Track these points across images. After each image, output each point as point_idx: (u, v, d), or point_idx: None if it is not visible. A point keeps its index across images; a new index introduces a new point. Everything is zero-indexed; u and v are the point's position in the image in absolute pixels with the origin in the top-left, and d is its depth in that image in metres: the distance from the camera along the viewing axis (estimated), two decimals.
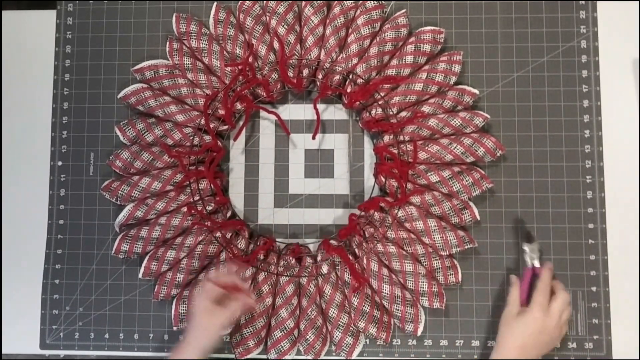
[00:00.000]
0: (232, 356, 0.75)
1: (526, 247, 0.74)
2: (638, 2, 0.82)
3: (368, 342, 0.78)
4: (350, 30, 0.78)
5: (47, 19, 0.85)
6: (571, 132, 0.80)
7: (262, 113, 0.83)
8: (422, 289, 0.74)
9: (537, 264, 0.73)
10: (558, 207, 0.79)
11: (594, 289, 0.78)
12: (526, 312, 0.69)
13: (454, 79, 0.77)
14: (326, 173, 0.82)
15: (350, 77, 0.78)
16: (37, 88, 0.85)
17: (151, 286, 0.80)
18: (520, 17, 0.82)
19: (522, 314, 0.69)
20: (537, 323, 0.68)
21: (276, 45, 0.78)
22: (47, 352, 0.81)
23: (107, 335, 0.80)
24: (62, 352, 0.81)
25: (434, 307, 0.74)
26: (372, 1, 0.78)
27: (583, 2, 0.82)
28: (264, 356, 0.76)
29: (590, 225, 0.79)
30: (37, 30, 0.86)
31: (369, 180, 0.82)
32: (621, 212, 0.79)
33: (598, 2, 0.82)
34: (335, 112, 0.83)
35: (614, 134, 0.80)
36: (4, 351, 0.81)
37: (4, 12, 0.86)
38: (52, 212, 0.83)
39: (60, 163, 0.83)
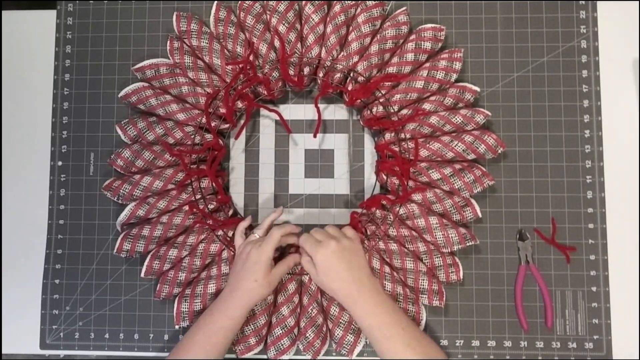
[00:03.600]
0: (232, 356, 0.75)
1: (519, 245, 0.78)
2: (638, 2, 0.82)
3: (368, 342, 0.78)
4: (350, 28, 0.78)
5: (47, 19, 0.85)
6: (571, 132, 0.80)
7: (263, 111, 0.83)
8: (422, 286, 0.74)
9: (529, 261, 0.78)
10: (558, 207, 0.79)
11: (594, 289, 0.78)
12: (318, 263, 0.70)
13: (454, 76, 0.77)
14: (326, 173, 0.82)
15: (351, 75, 0.78)
16: (37, 88, 0.85)
17: (151, 286, 0.80)
18: (520, 17, 0.82)
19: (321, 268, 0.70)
20: (337, 253, 0.69)
21: (277, 43, 0.78)
22: (47, 352, 0.81)
23: (107, 335, 0.80)
24: (62, 352, 0.81)
25: (434, 304, 0.74)
26: None
27: (583, 2, 0.82)
28: (264, 356, 0.76)
29: (590, 225, 0.79)
30: (37, 30, 0.86)
31: (370, 178, 0.82)
32: (621, 212, 0.79)
33: (598, 2, 0.82)
34: (335, 112, 0.83)
35: (614, 134, 0.80)
36: (4, 351, 0.81)
37: (4, 12, 0.86)
38: (52, 212, 0.83)
39: (60, 163, 0.83)
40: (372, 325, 0.68)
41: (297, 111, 0.83)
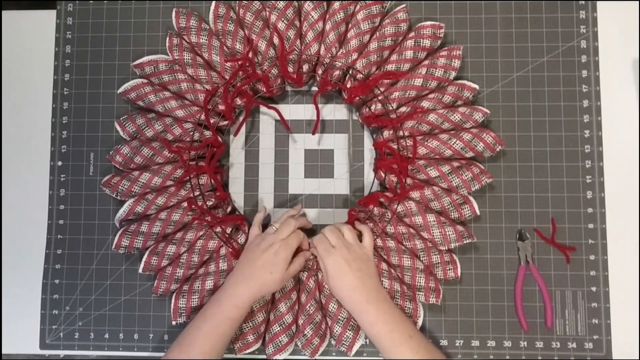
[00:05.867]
0: (234, 356, 0.75)
1: (519, 245, 0.78)
2: (638, 2, 0.82)
3: (368, 342, 0.78)
4: (350, 25, 0.78)
5: (47, 19, 0.85)
6: (571, 132, 0.80)
7: (262, 109, 0.83)
8: (419, 283, 0.74)
9: (529, 261, 0.78)
10: (558, 207, 0.79)
11: (594, 289, 0.78)
12: (330, 269, 0.71)
13: (453, 74, 0.77)
14: (326, 173, 0.82)
15: (350, 72, 0.78)
16: (37, 88, 0.85)
17: (151, 286, 0.80)
18: (520, 17, 0.82)
19: (335, 272, 0.70)
20: (349, 259, 0.70)
21: (276, 40, 0.78)
22: (47, 352, 0.81)
23: (107, 335, 0.80)
24: (62, 352, 0.81)
25: (430, 302, 0.74)
26: None
27: (583, 2, 0.82)
28: (263, 356, 0.76)
29: (590, 225, 0.79)
30: (37, 30, 0.86)
31: (368, 177, 0.82)
32: (621, 212, 0.79)
33: (598, 2, 0.82)
34: (335, 112, 0.83)
35: (614, 134, 0.80)
36: (4, 351, 0.81)
37: (4, 12, 0.86)
38: (52, 212, 0.83)
39: (60, 163, 0.83)
40: (380, 333, 0.68)
41: (297, 111, 0.83)
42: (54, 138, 0.84)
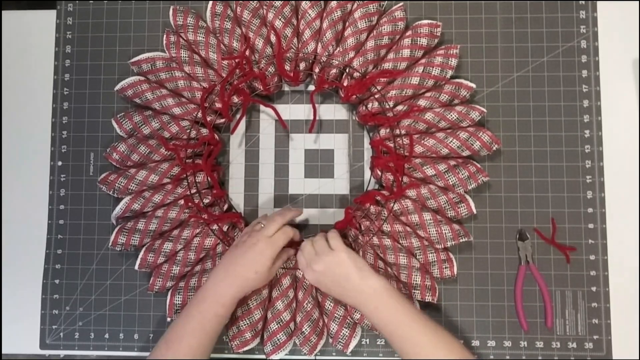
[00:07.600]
0: (232, 356, 0.75)
1: (519, 245, 0.78)
2: (638, 2, 0.82)
3: (368, 342, 0.78)
4: (347, 23, 0.78)
5: (47, 19, 0.85)
6: (571, 132, 0.80)
7: (261, 108, 0.83)
8: (415, 282, 0.74)
9: (529, 260, 0.78)
10: (558, 207, 0.79)
11: (594, 289, 0.78)
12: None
13: (450, 72, 0.77)
14: (326, 173, 0.82)
15: (347, 70, 0.78)
16: (37, 88, 0.85)
17: None
18: (520, 17, 0.82)
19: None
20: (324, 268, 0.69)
21: (273, 38, 0.78)
22: (47, 352, 0.81)
23: (107, 335, 0.80)
24: (62, 352, 0.81)
25: (426, 300, 0.74)
26: None
27: (583, 2, 0.82)
28: (262, 356, 0.76)
29: (590, 225, 0.79)
30: (37, 30, 0.86)
31: (366, 175, 0.82)
32: (621, 212, 0.79)
33: (598, 2, 0.82)
34: (335, 112, 0.83)
35: (614, 134, 0.80)
36: (4, 351, 0.81)
37: (4, 12, 0.86)
38: (52, 212, 0.83)
39: (60, 163, 0.83)
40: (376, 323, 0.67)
41: (296, 111, 0.83)
42: (54, 138, 0.84)
